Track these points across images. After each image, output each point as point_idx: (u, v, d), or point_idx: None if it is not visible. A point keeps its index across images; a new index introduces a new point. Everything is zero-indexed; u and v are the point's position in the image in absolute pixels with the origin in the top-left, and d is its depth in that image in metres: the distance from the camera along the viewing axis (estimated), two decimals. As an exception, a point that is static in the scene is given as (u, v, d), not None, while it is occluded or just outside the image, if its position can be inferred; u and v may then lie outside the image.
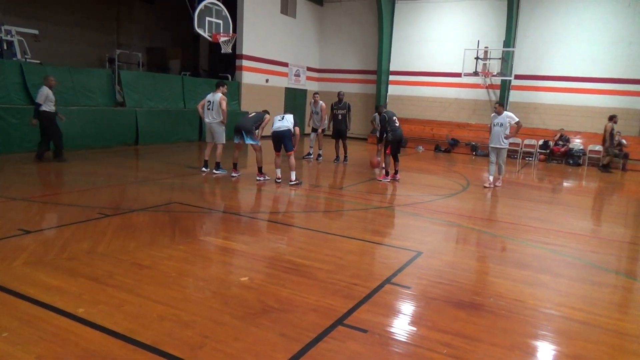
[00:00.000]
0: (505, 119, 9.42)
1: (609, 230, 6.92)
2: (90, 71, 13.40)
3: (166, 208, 6.38)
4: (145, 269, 4.11)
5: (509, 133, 9.50)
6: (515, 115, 9.55)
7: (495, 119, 9.52)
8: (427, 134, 18.87)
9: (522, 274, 4.62)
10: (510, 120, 9.40)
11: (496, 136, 9.51)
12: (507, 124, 9.42)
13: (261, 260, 4.63)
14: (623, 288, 4.60)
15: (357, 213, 7.05)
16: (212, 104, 9.19)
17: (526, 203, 8.62)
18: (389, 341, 3.14)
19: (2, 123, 10.03)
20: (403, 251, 5.16)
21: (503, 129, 9.44)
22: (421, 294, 3.98)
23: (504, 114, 9.47)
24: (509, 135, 9.52)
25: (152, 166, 10.18)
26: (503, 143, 9.53)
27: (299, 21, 19.97)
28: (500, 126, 9.44)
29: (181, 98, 15.27)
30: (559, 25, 16.87)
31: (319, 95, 12.62)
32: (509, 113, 9.55)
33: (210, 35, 14.01)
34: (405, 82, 19.85)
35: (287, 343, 3.00)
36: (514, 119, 9.41)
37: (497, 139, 9.51)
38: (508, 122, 9.41)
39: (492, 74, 17.23)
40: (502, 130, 9.44)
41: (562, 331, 3.46)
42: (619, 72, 16.05)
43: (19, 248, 4.44)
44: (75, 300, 3.41)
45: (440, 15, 18.96)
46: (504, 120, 9.41)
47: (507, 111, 9.68)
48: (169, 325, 3.14)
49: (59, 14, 17.39)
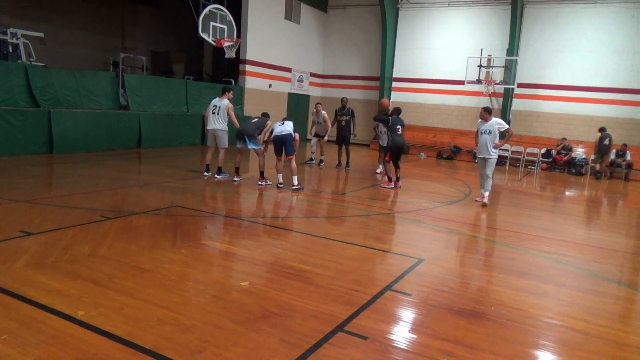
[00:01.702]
0: (494, 125, 8.43)
1: (611, 240, 6.89)
2: (94, 74, 13.45)
3: (168, 212, 6.39)
4: (146, 273, 4.11)
5: (498, 142, 8.49)
6: (505, 123, 8.66)
7: (482, 125, 8.55)
8: (429, 141, 18.88)
9: (523, 282, 4.60)
10: (500, 128, 8.44)
11: (484, 145, 8.49)
12: (496, 131, 8.41)
13: (262, 265, 4.62)
14: (625, 298, 4.58)
15: (358, 219, 7.04)
16: (218, 109, 9.15)
17: (528, 211, 8.60)
18: (389, 348, 3.13)
19: (6, 125, 10.06)
20: (404, 258, 5.15)
21: (492, 137, 8.43)
22: (422, 301, 3.97)
23: (492, 121, 8.49)
24: (498, 144, 8.50)
25: (154, 170, 10.20)
26: (492, 153, 8.48)
27: (302, 27, 20.05)
28: (489, 134, 8.45)
29: (184, 102, 15.31)
30: (562, 34, 16.92)
31: (322, 105, 12.55)
32: (497, 119, 8.59)
33: (215, 40, 14.08)
34: (408, 89, 19.88)
35: (286, 349, 2.99)
36: (503, 126, 8.50)
37: (485, 149, 8.47)
38: (497, 129, 8.42)
39: (495, 82, 17.26)
40: (491, 139, 8.43)
41: (564, 341, 3.45)
42: (622, 82, 16.07)
43: (20, 250, 4.44)
44: (76, 303, 3.41)
45: (444, 23, 19.03)
46: (493, 128, 8.43)
47: (495, 117, 8.70)
48: (169, 329, 3.13)
49: (65, 18, 17.50)
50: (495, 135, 8.43)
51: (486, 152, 8.48)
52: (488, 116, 8.52)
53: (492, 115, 8.60)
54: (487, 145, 8.44)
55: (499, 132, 8.44)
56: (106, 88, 13.22)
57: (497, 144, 8.46)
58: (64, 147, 11.06)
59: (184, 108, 15.23)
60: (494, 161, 8.57)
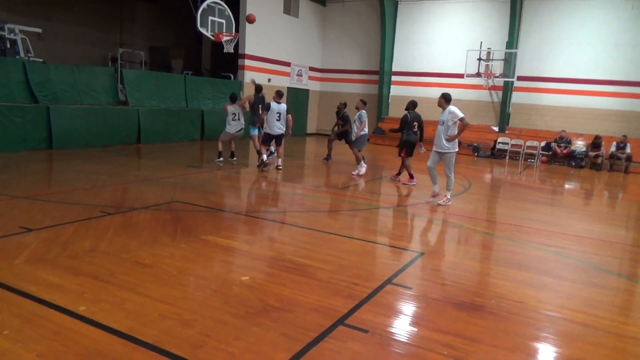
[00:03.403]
0: (447, 115, 7.31)
1: (611, 233, 6.90)
2: (93, 70, 13.41)
3: (168, 207, 6.39)
4: (146, 268, 4.12)
5: (453, 134, 7.32)
6: (460, 112, 7.30)
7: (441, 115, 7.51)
8: (429, 135, 18.79)
9: (523, 275, 4.61)
10: (454, 117, 7.26)
11: (438, 138, 7.45)
12: (449, 121, 7.30)
13: (262, 259, 4.63)
14: (625, 291, 4.59)
15: (359, 213, 7.05)
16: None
17: (528, 204, 8.60)
18: (389, 341, 3.14)
19: (5, 121, 10.04)
20: (404, 251, 5.16)
21: (444, 128, 7.33)
22: (422, 294, 3.98)
23: (446, 110, 7.35)
24: (452, 137, 7.31)
25: (154, 165, 10.19)
26: (446, 147, 7.38)
27: (301, 21, 19.97)
28: (442, 125, 7.38)
29: (183, 97, 15.27)
30: (562, 27, 16.85)
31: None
32: (452, 108, 7.31)
33: (213, 34, 14.01)
34: (408, 83, 19.83)
35: (288, 342, 3.00)
36: (456, 117, 7.24)
37: (439, 142, 7.44)
38: (450, 119, 7.29)
39: (494, 75, 17.22)
40: (444, 131, 7.34)
41: (564, 333, 3.46)
42: (622, 75, 16.02)
43: (21, 246, 4.44)
44: (77, 299, 3.42)
45: (443, 16, 18.95)
46: (446, 117, 7.33)
47: (452, 105, 7.42)
48: (170, 323, 3.14)
49: (62, 13, 17.41)
50: (449, 126, 7.34)
51: (440, 146, 7.47)
52: (444, 103, 7.44)
53: (449, 102, 7.45)
54: (441, 138, 7.42)
55: (453, 123, 7.33)
56: (105, 84, 13.19)
57: (450, 137, 7.33)
58: (63, 143, 11.06)
59: (182, 103, 15.20)
60: (451, 156, 7.50)
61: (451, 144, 7.38)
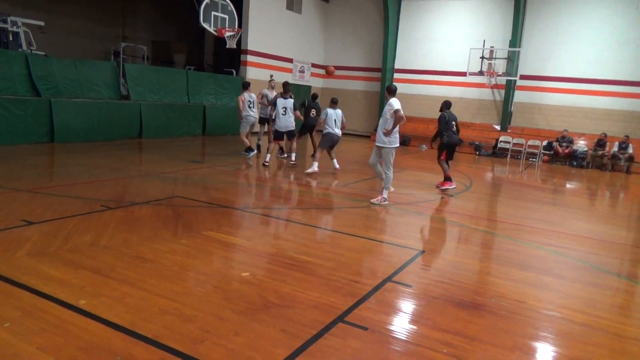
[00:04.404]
0: (386, 107, 6.89)
1: (611, 233, 6.89)
2: (95, 64, 13.39)
3: (169, 202, 6.39)
4: (147, 263, 4.12)
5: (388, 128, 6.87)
6: (397, 104, 6.81)
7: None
8: (431, 133, 18.68)
9: (524, 274, 4.61)
10: (390, 109, 6.83)
11: (378, 131, 7.12)
12: (386, 114, 6.87)
13: (263, 255, 4.63)
14: (625, 291, 4.59)
15: (359, 210, 7.05)
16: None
17: (529, 204, 8.60)
18: (389, 339, 3.14)
19: (7, 114, 10.05)
20: (405, 249, 5.16)
21: (383, 121, 6.91)
22: (422, 292, 3.98)
23: (389, 102, 6.92)
24: (388, 130, 6.86)
25: (155, 160, 10.19)
26: (383, 141, 6.95)
27: (304, 17, 19.92)
28: (381, 117, 7.00)
29: (185, 92, 15.26)
30: (565, 26, 16.79)
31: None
32: (392, 100, 6.87)
33: (216, 29, 14.00)
34: (410, 80, 19.78)
35: (287, 339, 3.00)
36: (392, 108, 6.79)
37: (378, 135, 7.05)
38: (388, 111, 6.86)
39: (497, 74, 17.17)
40: (382, 124, 6.93)
41: (563, 333, 3.46)
42: (625, 74, 15.97)
43: (22, 239, 4.45)
44: (77, 292, 3.43)
45: (447, 14, 18.89)
46: (385, 110, 6.95)
47: (394, 98, 6.93)
48: (170, 319, 3.15)
49: (65, 6, 17.37)
50: (387, 119, 6.92)
51: (379, 140, 7.07)
52: (387, 95, 7.02)
53: (393, 94, 7.01)
54: (380, 132, 7.02)
55: (390, 116, 6.90)
56: (107, 78, 13.16)
57: (387, 130, 6.91)
58: (65, 136, 11.06)
59: (185, 98, 15.18)
60: (389, 152, 7.04)
61: (388, 139, 6.94)
